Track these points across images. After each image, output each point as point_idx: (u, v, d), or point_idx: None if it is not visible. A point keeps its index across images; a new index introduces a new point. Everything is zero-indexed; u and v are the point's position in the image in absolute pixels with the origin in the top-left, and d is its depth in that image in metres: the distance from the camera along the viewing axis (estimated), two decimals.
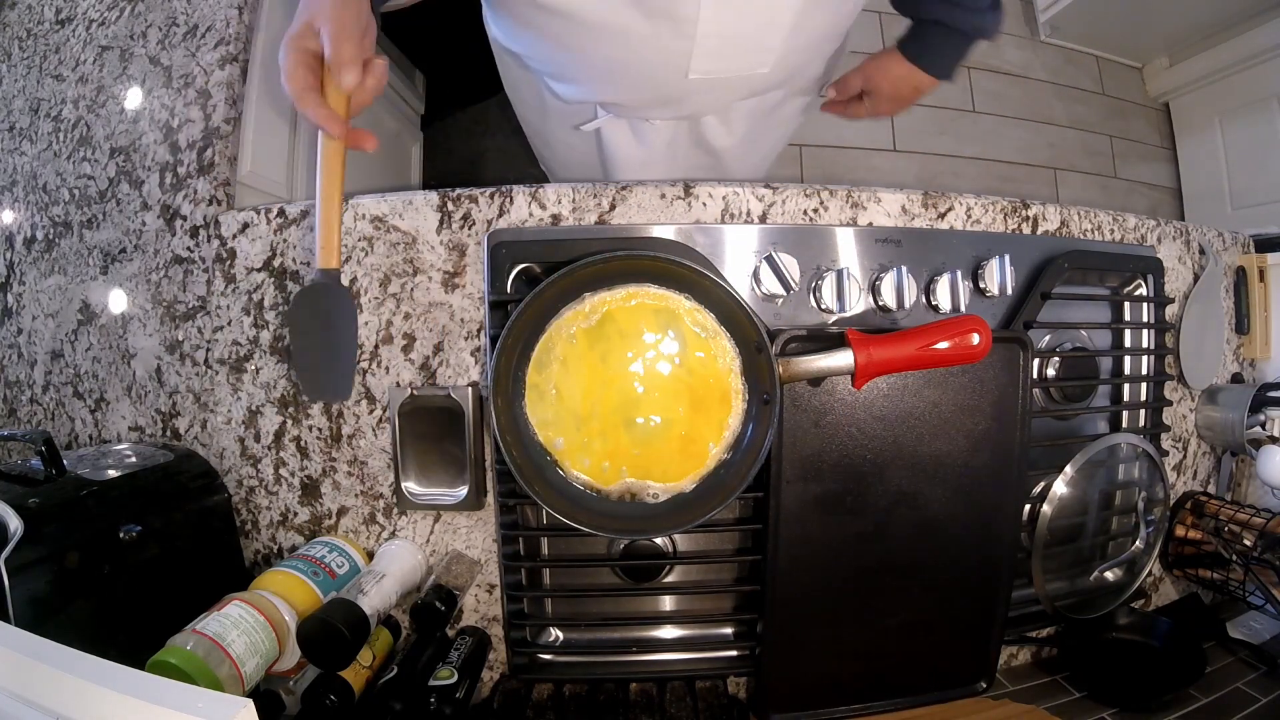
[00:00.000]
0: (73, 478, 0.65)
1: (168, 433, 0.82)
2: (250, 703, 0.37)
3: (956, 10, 0.74)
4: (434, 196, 0.74)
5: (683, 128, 0.87)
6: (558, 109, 0.88)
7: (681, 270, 0.64)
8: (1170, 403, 0.90)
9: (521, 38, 0.76)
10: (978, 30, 0.74)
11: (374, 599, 0.66)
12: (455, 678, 0.67)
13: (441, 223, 0.74)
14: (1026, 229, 0.81)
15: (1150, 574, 0.89)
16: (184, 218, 0.82)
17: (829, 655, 0.75)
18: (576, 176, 1.02)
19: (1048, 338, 0.84)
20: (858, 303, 0.72)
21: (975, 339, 0.63)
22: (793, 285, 0.70)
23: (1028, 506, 0.81)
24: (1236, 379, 1.00)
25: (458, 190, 0.74)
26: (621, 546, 0.77)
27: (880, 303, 0.73)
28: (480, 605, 0.78)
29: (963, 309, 0.74)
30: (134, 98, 0.89)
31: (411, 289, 0.74)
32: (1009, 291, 0.76)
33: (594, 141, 0.90)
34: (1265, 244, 1.03)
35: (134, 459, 0.74)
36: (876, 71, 0.82)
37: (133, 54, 0.91)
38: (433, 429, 0.74)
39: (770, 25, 0.65)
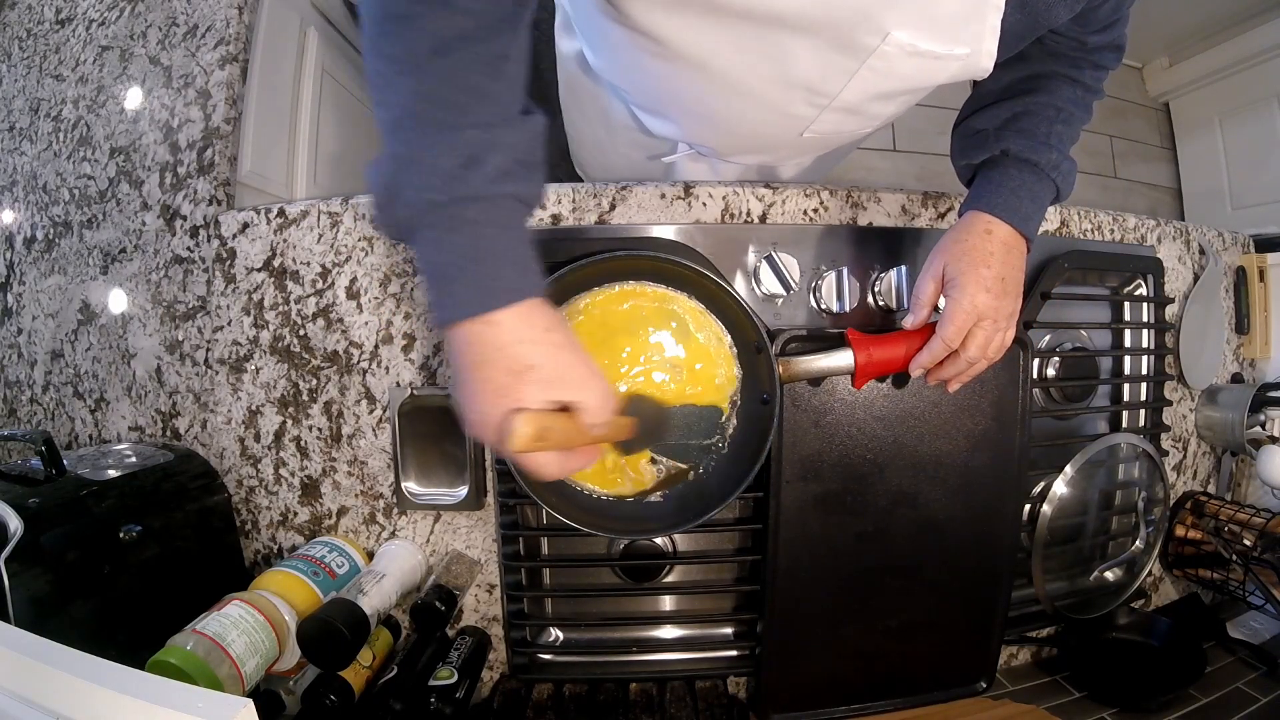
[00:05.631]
0: (73, 478, 0.65)
1: (168, 433, 0.82)
2: (250, 703, 0.37)
3: (1033, 142, 0.60)
4: None
5: (757, 163, 0.85)
6: (631, 134, 0.83)
7: (682, 270, 0.64)
8: (1170, 403, 0.90)
9: (626, 73, 0.70)
10: (1053, 166, 0.60)
11: (374, 599, 0.66)
12: (455, 678, 0.67)
13: None
14: None
15: (1150, 574, 0.89)
16: (184, 218, 0.82)
17: (829, 655, 0.75)
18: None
19: (1048, 338, 0.83)
20: (858, 303, 0.72)
21: None
22: (793, 285, 0.70)
23: (1028, 506, 0.81)
24: (1236, 379, 1.00)
25: None
26: (621, 546, 0.77)
27: (880, 303, 0.73)
28: (480, 605, 0.78)
29: None
30: (134, 98, 0.89)
31: (411, 289, 0.74)
32: None
33: (659, 164, 0.86)
34: (1265, 244, 1.03)
35: (134, 459, 0.74)
36: (953, 249, 0.59)
37: (133, 54, 0.91)
38: (433, 429, 0.74)
39: (898, 98, 0.61)
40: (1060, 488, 0.80)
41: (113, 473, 0.68)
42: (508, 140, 0.40)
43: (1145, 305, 0.87)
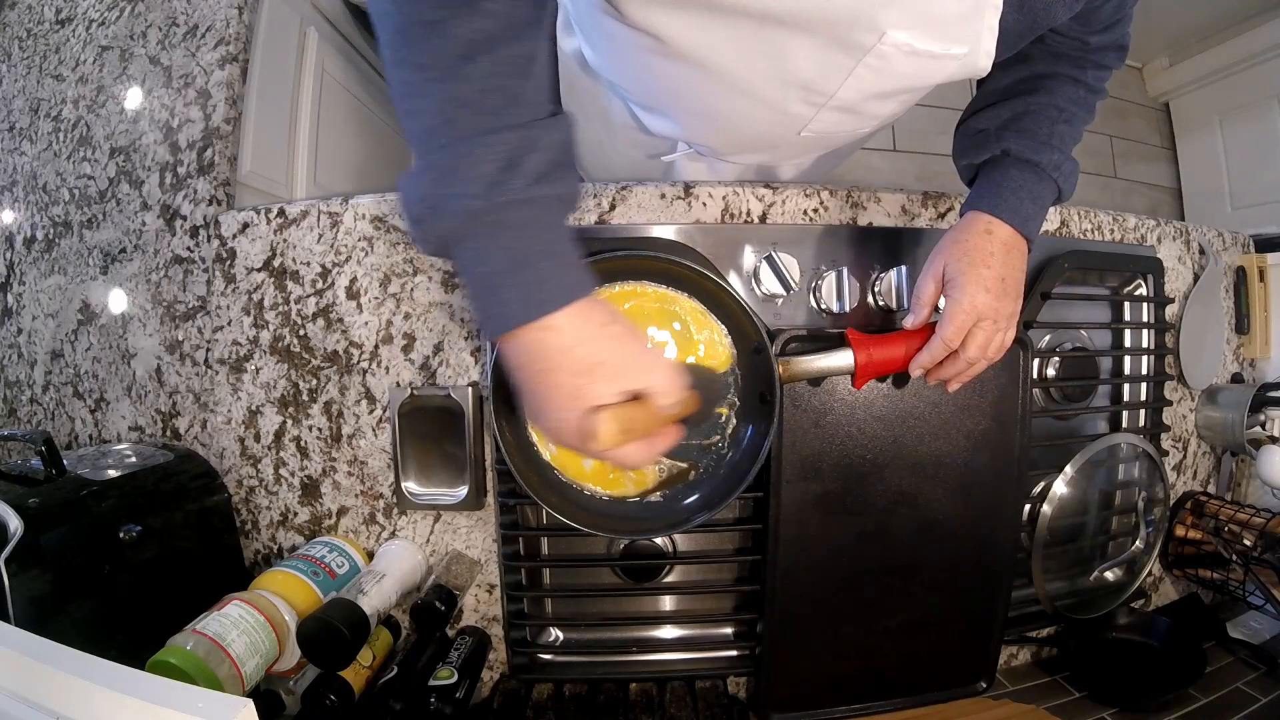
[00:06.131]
0: (73, 478, 0.65)
1: (168, 433, 0.82)
2: (250, 703, 0.37)
3: (1034, 142, 0.60)
4: None
5: (756, 163, 0.85)
6: (630, 133, 0.83)
7: (682, 270, 0.64)
8: (1170, 403, 0.90)
9: (625, 71, 0.70)
10: (1054, 167, 0.60)
11: (374, 599, 0.66)
12: (455, 678, 0.67)
13: None
14: None
15: (1150, 574, 0.89)
16: (184, 218, 0.82)
17: (829, 655, 0.75)
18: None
19: (1048, 338, 0.84)
20: (857, 303, 0.72)
21: None
22: (793, 285, 0.70)
23: (1028, 506, 0.81)
24: (1236, 379, 1.00)
25: None
26: (621, 546, 0.77)
27: (880, 303, 0.73)
28: (480, 605, 0.78)
29: None
30: (134, 98, 0.89)
31: (411, 289, 0.74)
32: None
33: (658, 163, 0.87)
34: (1265, 244, 1.03)
35: (134, 459, 0.74)
36: (954, 249, 0.59)
37: (133, 54, 0.91)
38: (433, 429, 0.74)
39: (896, 97, 0.61)
40: (1060, 488, 0.80)
41: (113, 473, 0.68)
42: (544, 140, 0.40)
43: (1145, 305, 0.87)
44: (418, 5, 0.38)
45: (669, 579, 0.79)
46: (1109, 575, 0.87)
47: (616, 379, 0.42)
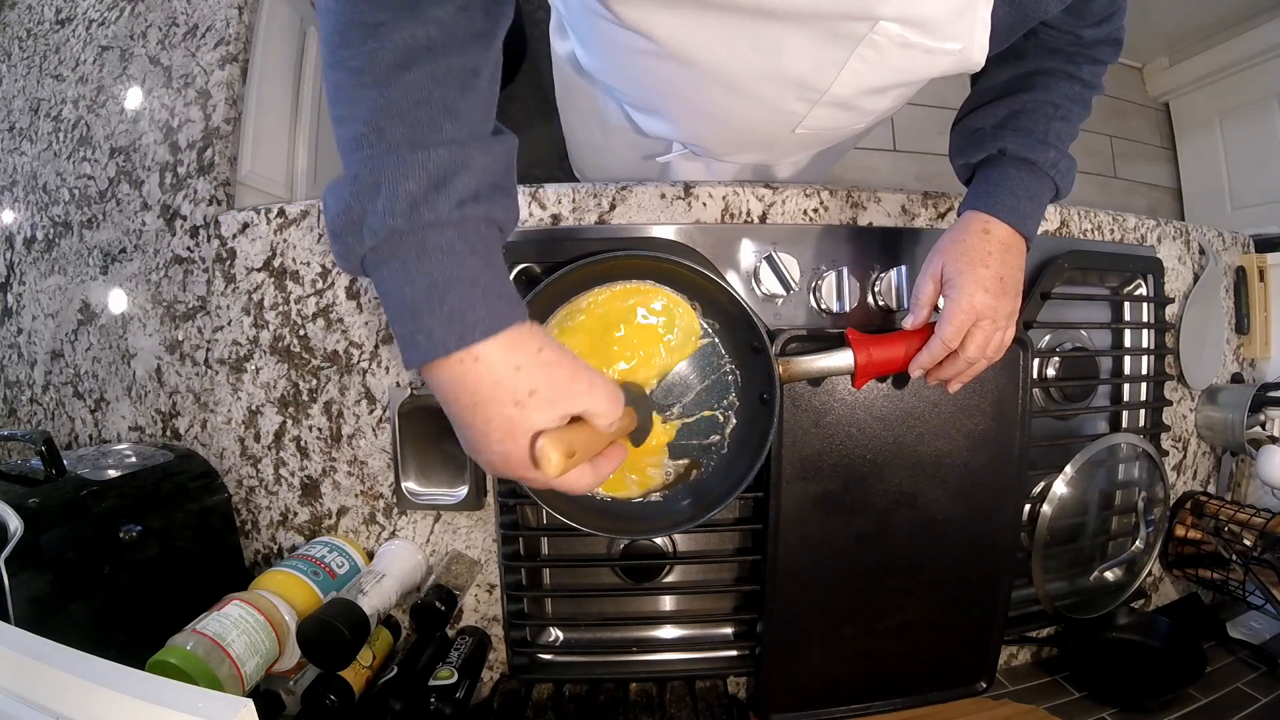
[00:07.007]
0: (73, 478, 0.65)
1: (168, 433, 0.82)
2: (250, 703, 0.37)
3: (1031, 140, 0.60)
4: None
5: (752, 163, 0.85)
6: (626, 134, 0.83)
7: (681, 270, 0.64)
8: (1170, 403, 0.90)
9: (618, 72, 0.71)
10: (1051, 164, 0.60)
11: (374, 599, 0.66)
12: (455, 678, 0.67)
13: None
14: None
15: (1150, 574, 0.89)
16: (184, 218, 0.82)
17: (829, 655, 0.75)
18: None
19: (1048, 338, 0.84)
20: (857, 303, 0.72)
21: None
22: (793, 285, 0.70)
23: (1028, 506, 0.81)
24: (1236, 379, 1.00)
25: None
26: (621, 546, 0.77)
27: (880, 303, 0.73)
28: (480, 605, 0.78)
29: None
30: (134, 98, 0.89)
31: None
32: None
33: (654, 164, 0.86)
34: (1265, 244, 1.03)
35: (134, 459, 0.74)
36: (952, 249, 0.58)
37: (133, 54, 0.91)
38: (433, 429, 0.74)
39: (890, 92, 0.61)
40: (1060, 488, 0.80)
41: (113, 473, 0.68)
42: (478, 161, 0.37)
43: (1145, 305, 0.87)
44: (359, 6, 0.36)
45: (669, 579, 0.79)
46: (1109, 575, 0.87)
47: (554, 405, 0.39)
